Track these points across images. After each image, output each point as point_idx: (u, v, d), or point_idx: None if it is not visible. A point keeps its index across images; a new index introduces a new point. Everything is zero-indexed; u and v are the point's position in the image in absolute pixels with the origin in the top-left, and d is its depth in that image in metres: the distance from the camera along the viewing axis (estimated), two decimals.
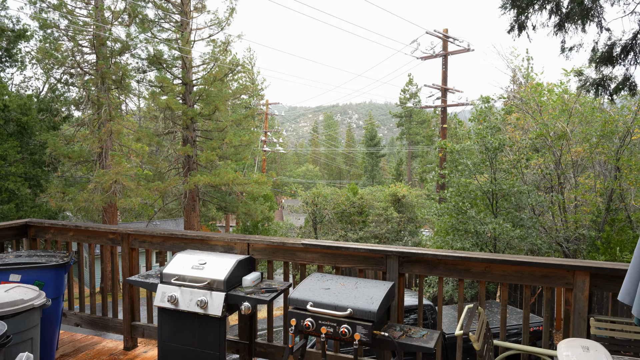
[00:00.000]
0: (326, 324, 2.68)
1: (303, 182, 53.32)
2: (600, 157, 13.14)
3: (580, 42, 4.35)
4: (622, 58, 4.23)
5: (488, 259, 2.97)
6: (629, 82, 4.36)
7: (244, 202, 18.41)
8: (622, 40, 4.26)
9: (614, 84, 4.42)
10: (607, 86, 4.44)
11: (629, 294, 1.91)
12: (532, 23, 4.17)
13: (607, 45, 4.29)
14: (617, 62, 4.26)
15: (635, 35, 4.22)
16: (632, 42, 4.21)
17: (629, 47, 4.22)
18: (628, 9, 4.12)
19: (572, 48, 4.39)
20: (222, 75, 17.06)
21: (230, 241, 3.61)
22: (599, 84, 4.47)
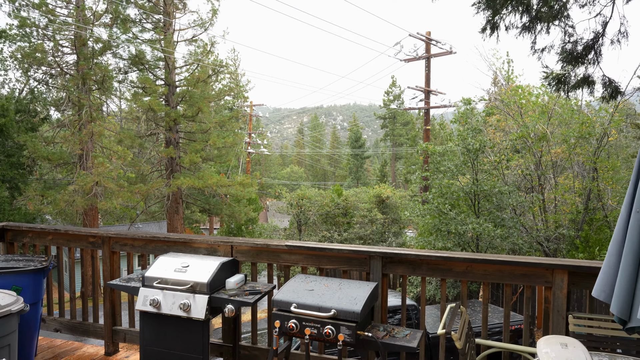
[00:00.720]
0: (310, 325, 2.69)
1: (288, 183, 53.23)
2: (578, 158, 13.45)
3: (551, 43, 4.47)
4: (583, 57, 4.37)
5: (469, 259, 3.01)
6: (587, 81, 4.51)
7: (228, 204, 18.28)
8: (584, 40, 4.40)
9: (574, 81, 4.56)
10: (567, 82, 4.58)
11: (603, 291, 1.96)
12: (504, 24, 4.28)
13: (570, 44, 4.42)
14: (579, 61, 4.40)
15: (597, 35, 4.36)
16: (593, 42, 4.35)
17: (590, 47, 4.36)
18: (594, 11, 4.26)
19: (544, 49, 4.51)
20: (205, 77, 16.93)
21: (214, 243, 3.59)
22: (559, 80, 4.61)
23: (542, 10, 3.98)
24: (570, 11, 4.23)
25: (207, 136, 16.75)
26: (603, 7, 4.55)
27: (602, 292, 1.94)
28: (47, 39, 15.97)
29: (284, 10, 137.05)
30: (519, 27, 4.21)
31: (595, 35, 4.31)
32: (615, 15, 4.36)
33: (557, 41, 4.39)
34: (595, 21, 4.70)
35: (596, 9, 4.37)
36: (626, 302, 1.81)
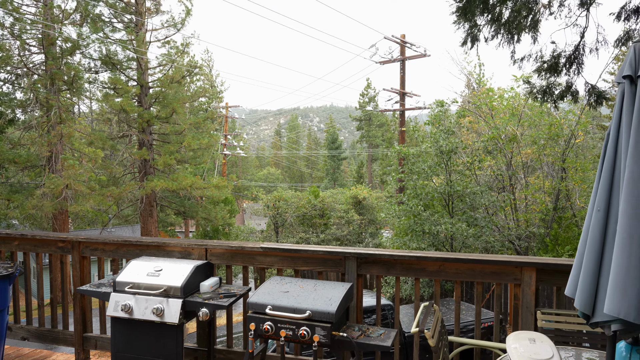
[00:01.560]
0: (285, 327, 2.69)
1: (265, 185, 52.96)
2: (548, 159, 13.88)
3: (529, 53, 4.61)
4: (567, 68, 4.53)
5: (442, 258, 3.07)
6: (571, 90, 4.68)
7: (203, 206, 18.05)
8: (567, 52, 4.56)
9: (558, 91, 4.72)
10: (552, 93, 4.73)
11: (573, 288, 2.02)
12: (483, 35, 4.38)
13: (552, 54, 4.57)
14: (562, 72, 4.56)
15: (577, 46, 4.52)
16: (575, 52, 4.52)
17: (572, 58, 4.52)
18: (570, 21, 4.42)
19: (523, 58, 4.65)
20: (179, 77, 16.70)
21: (188, 246, 3.54)
22: (545, 91, 4.76)
23: (516, 22, 4.11)
24: (546, 22, 4.40)
25: (182, 138, 16.51)
26: (577, 17, 4.72)
27: (574, 289, 2.00)
28: (13, 37, 15.44)
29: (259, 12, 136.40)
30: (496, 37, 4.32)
31: (575, 44, 4.47)
32: (591, 24, 4.54)
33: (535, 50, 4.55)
34: (571, 31, 4.87)
35: (572, 19, 4.54)
36: (589, 298, 1.88)
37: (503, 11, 4.20)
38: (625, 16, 5.00)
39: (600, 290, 1.88)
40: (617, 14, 5.10)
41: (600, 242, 1.89)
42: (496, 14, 4.19)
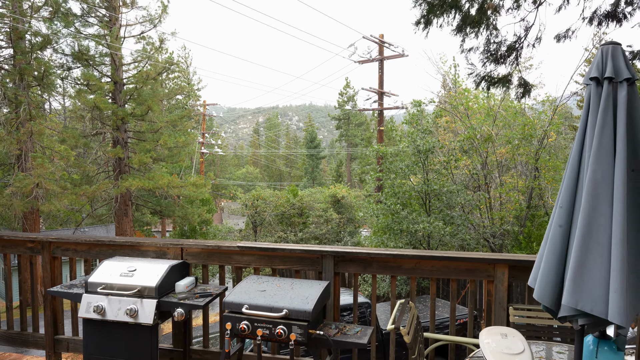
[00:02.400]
0: (262, 326, 2.68)
1: (243, 184, 52.56)
2: (521, 158, 14.22)
3: (477, 45, 4.78)
4: (506, 57, 4.70)
5: (418, 256, 3.11)
6: (505, 80, 4.87)
7: (180, 205, 17.78)
8: (508, 41, 4.73)
9: (495, 78, 4.90)
10: (489, 80, 4.91)
11: (535, 279, 2.09)
12: (438, 22, 4.49)
13: (495, 44, 4.72)
14: (501, 61, 4.73)
15: (519, 38, 4.69)
16: (515, 44, 4.68)
17: (512, 48, 4.69)
18: (519, 16, 4.58)
19: (471, 49, 4.80)
20: (155, 74, 16.40)
21: (163, 246, 3.49)
22: (483, 78, 4.93)
23: (470, 11, 4.23)
24: (498, 17, 4.54)
25: (158, 136, 16.22)
26: (528, 12, 4.89)
27: (534, 279, 2.07)
28: None
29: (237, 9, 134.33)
30: (453, 26, 4.45)
31: (517, 38, 4.65)
32: (537, 22, 4.70)
33: (482, 43, 4.69)
34: (519, 25, 5.04)
35: (521, 14, 4.71)
36: (554, 293, 1.94)
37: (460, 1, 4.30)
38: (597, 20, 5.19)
39: (566, 285, 1.94)
40: (589, 18, 5.28)
41: (562, 238, 1.95)
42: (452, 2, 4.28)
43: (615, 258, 1.71)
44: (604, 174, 1.77)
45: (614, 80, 1.87)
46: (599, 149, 1.79)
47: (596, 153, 1.80)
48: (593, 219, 1.78)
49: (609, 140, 1.79)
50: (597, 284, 1.76)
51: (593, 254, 1.77)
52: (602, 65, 1.93)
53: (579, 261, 1.80)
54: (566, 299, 1.83)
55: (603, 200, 1.77)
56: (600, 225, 1.77)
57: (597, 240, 1.77)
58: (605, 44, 1.98)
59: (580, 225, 1.81)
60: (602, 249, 1.75)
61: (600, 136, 1.80)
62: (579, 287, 1.79)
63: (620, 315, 1.69)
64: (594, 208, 1.78)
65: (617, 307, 1.69)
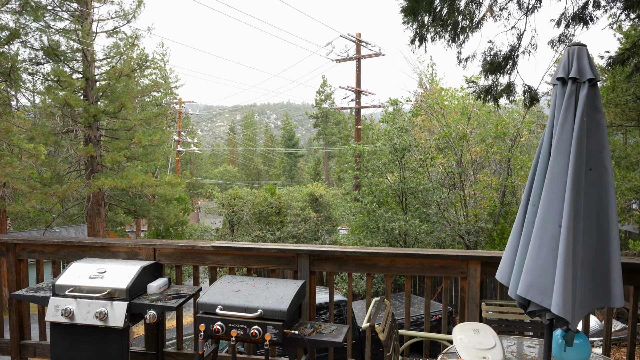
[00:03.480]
0: (236, 327, 2.64)
1: (220, 183, 52.01)
2: (495, 157, 14.51)
3: (473, 53, 4.81)
4: (504, 66, 4.77)
5: (393, 254, 3.13)
6: (510, 88, 4.94)
7: (155, 205, 17.45)
8: (503, 51, 4.80)
9: (499, 89, 4.96)
10: (493, 92, 4.97)
11: (500, 272, 2.13)
12: (430, 35, 4.52)
13: (492, 56, 4.79)
14: (500, 71, 4.79)
15: (513, 47, 4.77)
16: (511, 53, 4.76)
17: (508, 58, 4.77)
18: (509, 24, 4.65)
19: (467, 59, 4.83)
20: (129, 71, 16.02)
21: (135, 247, 3.41)
22: (487, 91, 4.99)
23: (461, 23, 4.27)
24: (487, 23, 4.61)
25: (132, 134, 15.86)
26: (517, 20, 4.98)
27: (500, 273, 2.12)
28: None
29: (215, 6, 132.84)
30: (443, 38, 4.48)
31: (512, 46, 4.72)
32: (528, 28, 4.79)
33: (479, 52, 4.75)
34: (511, 33, 5.12)
35: (511, 22, 4.78)
36: (515, 282, 1.99)
37: (449, 12, 4.35)
38: (565, 23, 5.32)
39: (536, 281, 1.98)
40: (557, 20, 5.42)
41: (525, 232, 2.00)
42: (442, 15, 4.33)
43: (562, 252, 1.76)
44: (560, 171, 1.83)
45: (578, 81, 1.92)
46: (558, 147, 1.84)
47: (555, 150, 1.85)
48: (548, 214, 1.83)
49: (568, 138, 1.84)
50: (549, 278, 1.82)
51: (547, 248, 1.83)
52: (568, 66, 1.98)
53: (534, 254, 1.85)
54: (520, 289, 1.88)
55: (558, 195, 1.82)
56: (554, 220, 1.82)
57: (552, 234, 1.82)
58: (571, 45, 2.02)
59: (538, 220, 1.86)
60: (556, 242, 1.80)
61: (560, 134, 1.85)
62: (532, 279, 1.85)
63: (562, 308, 1.74)
64: (550, 203, 1.83)
65: (560, 299, 1.74)
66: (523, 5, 4.59)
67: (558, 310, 1.75)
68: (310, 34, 48.18)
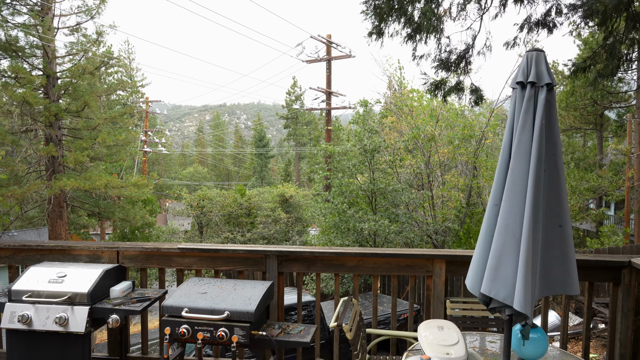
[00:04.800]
0: (203, 329, 2.61)
1: (189, 184, 51.10)
2: (462, 158, 14.88)
3: (428, 52, 4.95)
4: (456, 65, 4.92)
5: (360, 253, 3.16)
6: (458, 87, 5.11)
7: (121, 207, 16.96)
8: (457, 50, 4.95)
9: (448, 87, 5.13)
10: (442, 88, 5.13)
11: (469, 276, 2.19)
12: (389, 31, 4.61)
13: (445, 53, 4.93)
14: (452, 69, 4.95)
15: (467, 47, 4.92)
16: (465, 52, 4.92)
17: (461, 57, 4.92)
18: (466, 25, 4.80)
19: (422, 56, 4.97)
20: (93, 68, 15.53)
21: (97, 250, 3.31)
22: (436, 86, 5.14)
23: (420, 21, 4.37)
24: (445, 24, 4.72)
25: (96, 133, 15.37)
26: (473, 21, 5.14)
27: (469, 278, 2.16)
28: None
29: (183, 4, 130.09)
30: (401, 35, 4.58)
31: (466, 46, 4.87)
32: (482, 30, 4.94)
33: (433, 50, 4.87)
34: (466, 34, 5.28)
35: (467, 23, 4.93)
36: (479, 283, 2.05)
37: (408, 9, 4.44)
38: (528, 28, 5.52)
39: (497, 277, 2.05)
40: (521, 25, 5.61)
41: (490, 232, 2.07)
42: (402, 12, 4.41)
43: (523, 250, 1.84)
44: (521, 171, 1.90)
45: (536, 85, 2.00)
46: (518, 148, 1.92)
47: (516, 152, 1.92)
48: (511, 213, 1.90)
49: (528, 140, 1.92)
50: (511, 274, 1.89)
51: (508, 246, 1.90)
52: (527, 70, 2.06)
53: (497, 252, 1.92)
54: (483, 288, 1.94)
55: (519, 195, 1.89)
56: (516, 219, 1.89)
57: (513, 233, 1.89)
58: (530, 51, 2.10)
59: (500, 219, 1.93)
60: (517, 241, 1.88)
61: (520, 136, 1.92)
62: (494, 277, 1.91)
63: (523, 304, 1.81)
64: (512, 203, 1.90)
65: (521, 296, 1.82)
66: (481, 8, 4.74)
67: (520, 306, 1.82)
68: (280, 34, 48.04)
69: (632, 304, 2.97)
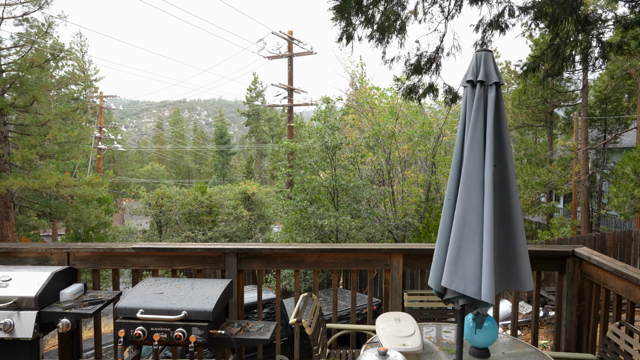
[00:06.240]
0: (159, 330, 2.55)
1: (148, 182, 49.61)
2: (421, 155, 15.24)
3: (398, 54, 5.01)
4: (427, 68, 5.02)
5: (320, 249, 3.18)
6: (432, 89, 5.22)
7: (74, 206, 16.23)
8: (428, 52, 5.05)
9: (422, 90, 5.22)
10: (416, 92, 5.22)
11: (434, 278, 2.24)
12: (358, 35, 4.64)
13: (416, 56, 5.02)
14: (424, 72, 5.04)
15: (437, 49, 5.04)
16: (435, 54, 5.03)
17: (432, 59, 5.03)
18: (432, 27, 4.90)
19: (393, 59, 5.02)
20: (42, 61, 14.76)
21: (45, 251, 3.16)
22: (411, 89, 5.23)
23: (386, 24, 4.43)
24: (412, 26, 4.81)
25: (46, 130, 14.63)
26: (439, 23, 5.26)
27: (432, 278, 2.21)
28: None
29: None
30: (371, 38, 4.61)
31: (436, 48, 4.97)
32: (449, 31, 5.07)
33: (403, 53, 4.95)
34: (433, 36, 5.39)
35: (434, 25, 5.04)
36: (440, 277, 2.11)
37: (375, 14, 4.49)
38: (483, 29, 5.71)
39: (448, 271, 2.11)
40: (476, 26, 5.80)
41: (449, 227, 2.13)
42: (369, 16, 4.46)
43: (486, 244, 1.90)
44: (475, 167, 1.97)
45: (485, 84, 2.07)
46: (472, 145, 1.98)
47: (469, 148, 1.98)
48: (467, 208, 1.97)
49: (480, 136, 1.99)
50: (470, 267, 1.95)
51: (466, 240, 1.96)
52: (477, 69, 2.13)
53: (455, 246, 1.98)
54: (444, 281, 2.00)
55: (475, 190, 1.96)
56: (473, 213, 1.96)
57: (471, 227, 1.96)
58: (479, 51, 2.18)
59: (457, 214, 1.99)
60: (475, 235, 1.94)
61: (472, 133, 1.99)
62: (454, 270, 1.97)
63: (491, 295, 1.89)
64: (468, 198, 1.97)
65: (488, 288, 1.89)
66: (444, 10, 4.86)
67: (488, 298, 1.88)
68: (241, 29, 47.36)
69: (575, 291, 3.15)
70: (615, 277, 2.73)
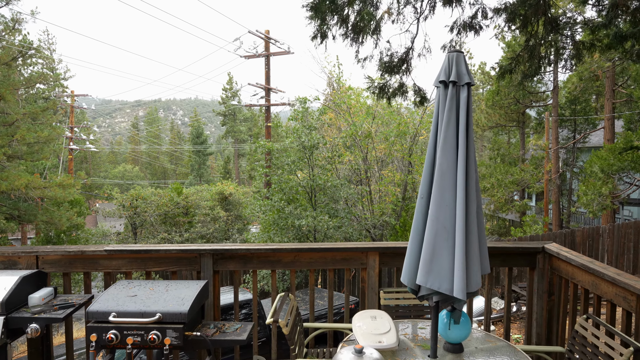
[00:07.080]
0: (132, 334, 2.50)
1: (122, 183, 48.54)
2: (397, 154, 15.40)
3: (371, 54, 5.05)
4: (398, 68, 5.08)
5: (296, 249, 3.18)
6: (402, 89, 5.29)
7: (44, 209, 15.76)
8: (399, 53, 5.11)
9: (392, 89, 5.29)
10: (387, 91, 5.28)
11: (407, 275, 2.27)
12: (332, 34, 4.66)
13: (388, 56, 5.08)
14: (395, 71, 5.11)
15: (408, 50, 5.10)
16: (405, 55, 5.09)
17: (403, 60, 5.09)
18: (404, 28, 4.96)
19: (366, 59, 5.07)
20: (9, 59, 14.30)
21: (12, 255, 3.06)
22: (381, 89, 5.29)
23: (360, 24, 4.47)
24: (385, 26, 4.86)
25: (14, 130, 14.17)
26: (410, 24, 5.33)
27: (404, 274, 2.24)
28: None
29: None
30: (345, 37, 4.64)
31: (407, 49, 5.04)
32: (420, 32, 5.16)
33: (376, 53, 4.99)
34: (405, 36, 5.45)
35: (405, 26, 5.10)
36: (414, 274, 2.14)
37: (350, 13, 4.53)
38: (457, 30, 5.81)
39: (422, 268, 2.15)
40: (451, 27, 5.90)
41: (422, 225, 2.16)
42: (344, 16, 4.49)
43: (458, 241, 1.94)
44: (448, 165, 2.01)
45: (457, 84, 2.12)
46: (445, 143, 2.02)
47: (442, 147, 2.02)
48: (440, 206, 2.00)
49: (453, 135, 2.03)
50: (444, 264, 1.99)
51: (440, 238, 1.99)
52: (449, 70, 2.17)
53: (430, 244, 2.01)
54: (418, 279, 2.03)
55: (448, 189, 2.00)
56: (446, 211, 2.00)
57: (444, 225, 1.99)
58: (451, 52, 2.22)
59: (431, 212, 2.02)
60: (448, 233, 1.98)
61: (445, 132, 2.03)
62: (429, 267, 2.00)
63: (463, 292, 1.93)
64: (441, 196, 2.00)
65: (460, 285, 1.93)
66: (416, 12, 4.92)
67: (460, 294, 1.91)
68: (217, 28, 46.90)
69: (545, 286, 3.25)
70: (582, 271, 2.83)
